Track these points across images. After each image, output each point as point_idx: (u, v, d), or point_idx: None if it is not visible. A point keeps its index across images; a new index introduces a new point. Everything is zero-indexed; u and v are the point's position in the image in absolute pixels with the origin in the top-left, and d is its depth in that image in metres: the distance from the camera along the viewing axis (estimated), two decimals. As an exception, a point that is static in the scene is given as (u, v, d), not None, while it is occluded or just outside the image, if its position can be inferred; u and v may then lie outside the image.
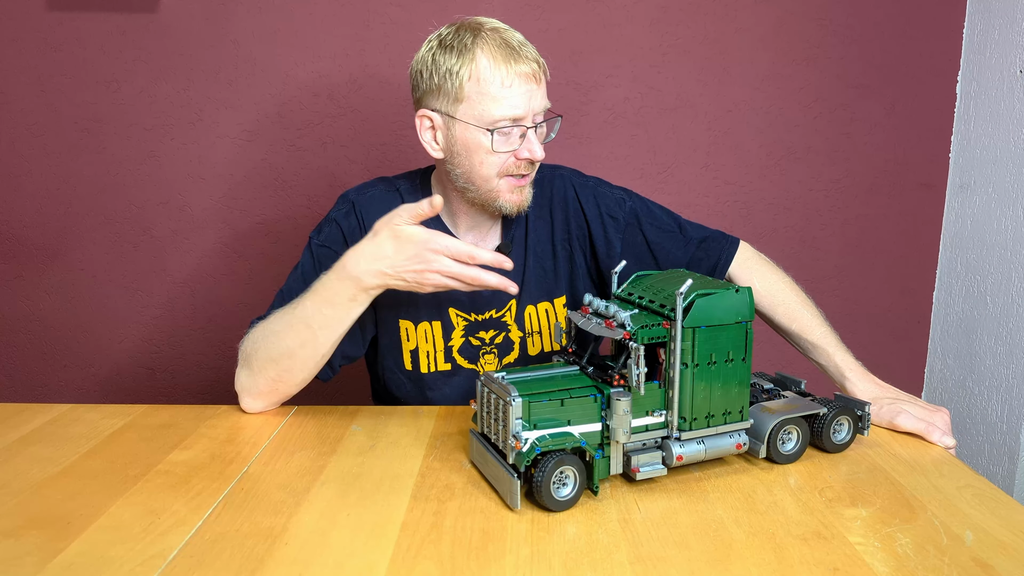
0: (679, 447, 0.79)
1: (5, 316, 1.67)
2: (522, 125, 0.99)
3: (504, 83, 0.97)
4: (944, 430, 0.92)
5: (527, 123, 0.99)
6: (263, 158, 1.63)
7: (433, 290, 0.95)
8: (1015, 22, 1.54)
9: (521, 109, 0.98)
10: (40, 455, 0.87)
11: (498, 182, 1.02)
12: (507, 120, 0.98)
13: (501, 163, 1.01)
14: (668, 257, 1.15)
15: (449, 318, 1.11)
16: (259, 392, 1.00)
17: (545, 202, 1.15)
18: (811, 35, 1.65)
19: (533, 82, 0.99)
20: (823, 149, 1.70)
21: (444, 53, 0.99)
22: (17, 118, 1.60)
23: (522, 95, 0.98)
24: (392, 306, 1.09)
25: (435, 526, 0.71)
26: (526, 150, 1.00)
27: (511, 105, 0.98)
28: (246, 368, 1.00)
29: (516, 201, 1.04)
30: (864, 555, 0.66)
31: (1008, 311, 1.57)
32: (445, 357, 1.12)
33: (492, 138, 0.99)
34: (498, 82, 0.97)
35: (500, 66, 0.97)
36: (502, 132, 0.99)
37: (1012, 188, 1.55)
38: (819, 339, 1.06)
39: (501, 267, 0.94)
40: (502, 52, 0.98)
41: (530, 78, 0.99)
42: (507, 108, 0.98)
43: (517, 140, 1.00)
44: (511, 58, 0.98)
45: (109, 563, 0.65)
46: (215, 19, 1.57)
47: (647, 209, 1.17)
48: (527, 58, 0.99)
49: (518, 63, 0.98)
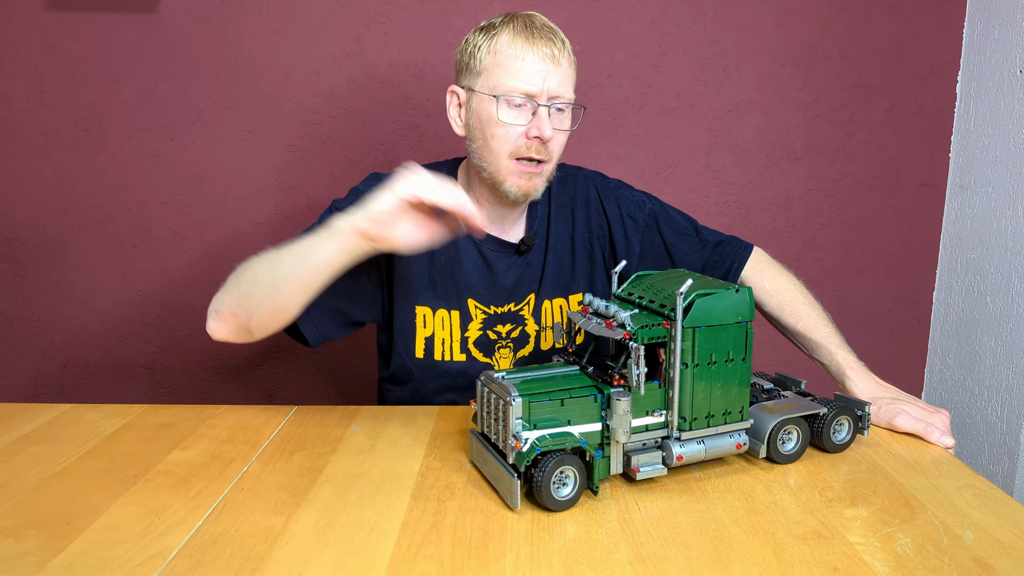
0: (679, 447, 0.79)
1: (5, 316, 1.67)
2: (534, 103, 1.00)
3: (519, 56, 1.00)
4: (943, 430, 0.92)
5: (540, 101, 1.00)
6: (263, 158, 1.63)
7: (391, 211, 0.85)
8: (1015, 22, 1.54)
9: (534, 86, 1.00)
10: (40, 455, 0.87)
11: (508, 162, 1.03)
12: (517, 93, 1.00)
13: (511, 141, 1.02)
14: (684, 259, 1.18)
15: (468, 309, 1.12)
16: (220, 315, 0.98)
17: (567, 201, 1.17)
18: (811, 35, 1.65)
19: (550, 62, 1.00)
20: (823, 149, 1.70)
21: (478, 34, 1.04)
22: (17, 118, 1.60)
23: (535, 71, 1.00)
24: (411, 291, 1.10)
25: (435, 526, 0.71)
26: (535, 127, 1.01)
27: (523, 79, 0.99)
28: (222, 290, 1.00)
29: (523, 187, 1.04)
30: (864, 555, 0.66)
31: (1008, 311, 1.57)
32: (461, 347, 1.12)
33: (498, 107, 1.00)
34: (512, 54, 1.00)
35: (518, 40, 1.00)
36: (511, 104, 1.00)
37: (1012, 188, 1.55)
38: (822, 338, 1.07)
39: (463, 211, 0.85)
40: (524, 30, 1.01)
41: (547, 57, 1.00)
42: (518, 81, 1.00)
43: (528, 116, 1.01)
44: (531, 35, 1.00)
45: (109, 563, 0.65)
46: (215, 19, 1.57)
47: (666, 212, 1.20)
48: (547, 39, 1.01)
49: (536, 40, 1.00)
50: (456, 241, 1.11)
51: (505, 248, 1.13)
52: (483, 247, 1.12)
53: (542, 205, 1.16)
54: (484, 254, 1.12)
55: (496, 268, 1.12)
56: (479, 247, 1.12)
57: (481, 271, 1.12)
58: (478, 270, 1.12)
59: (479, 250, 1.12)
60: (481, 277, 1.12)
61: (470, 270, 1.12)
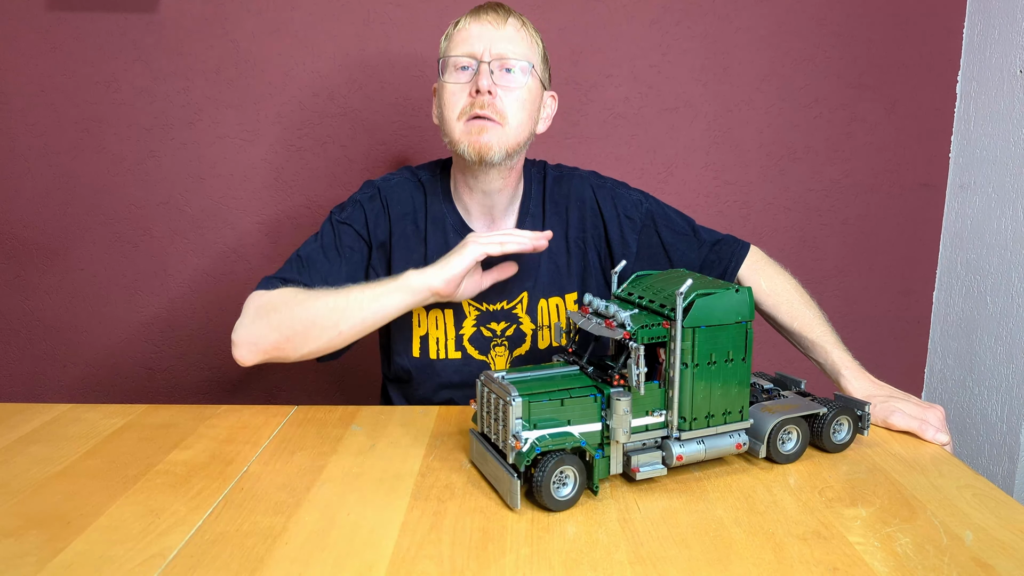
0: (679, 447, 0.79)
1: (5, 316, 1.67)
2: (477, 61, 1.04)
3: (464, 27, 1.06)
4: (938, 427, 0.92)
5: (482, 59, 1.04)
6: (263, 158, 1.63)
7: (466, 269, 1.00)
8: (1015, 22, 1.54)
9: (476, 47, 1.04)
10: (40, 455, 0.87)
11: (457, 124, 1.06)
12: (461, 55, 1.05)
13: (458, 102, 1.05)
14: (682, 259, 1.18)
15: (461, 306, 1.13)
16: (260, 348, 1.00)
17: (562, 200, 1.17)
18: (811, 35, 1.65)
19: (491, 26, 1.05)
20: (823, 149, 1.70)
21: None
22: (17, 118, 1.60)
23: (474, 36, 1.05)
24: None
25: (435, 526, 0.71)
26: (474, 83, 1.04)
27: (466, 44, 1.05)
28: (260, 321, 1.00)
29: (473, 143, 1.05)
30: (864, 555, 0.66)
31: (1008, 311, 1.57)
32: (456, 345, 1.13)
33: (444, 69, 1.06)
34: (460, 28, 1.07)
35: (466, 18, 1.07)
36: (456, 67, 1.05)
37: (1012, 188, 1.55)
38: (818, 337, 1.07)
39: (536, 245, 1.02)
40: (474, 11, 1.07)
41: (487, 22, 1.05)
42: (458, 45, 1.06)
43: (471, 76, 1.05)
44: (477, 11, 1.07)
45: (109, 563, 0.65)
46: (215, 19, 1.57)
47: (663, 212, 1.20)
48: (493, 10, 1.06)
49: (481, 13, 1.06)
50: (447, 240, 1.12)
51: None
52: None
53: (535, 204, 1.16)
54: None
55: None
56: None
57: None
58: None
59: None
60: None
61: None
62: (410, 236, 1.13)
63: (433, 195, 1.14)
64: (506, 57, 1.04)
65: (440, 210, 1.14)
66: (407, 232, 1.13)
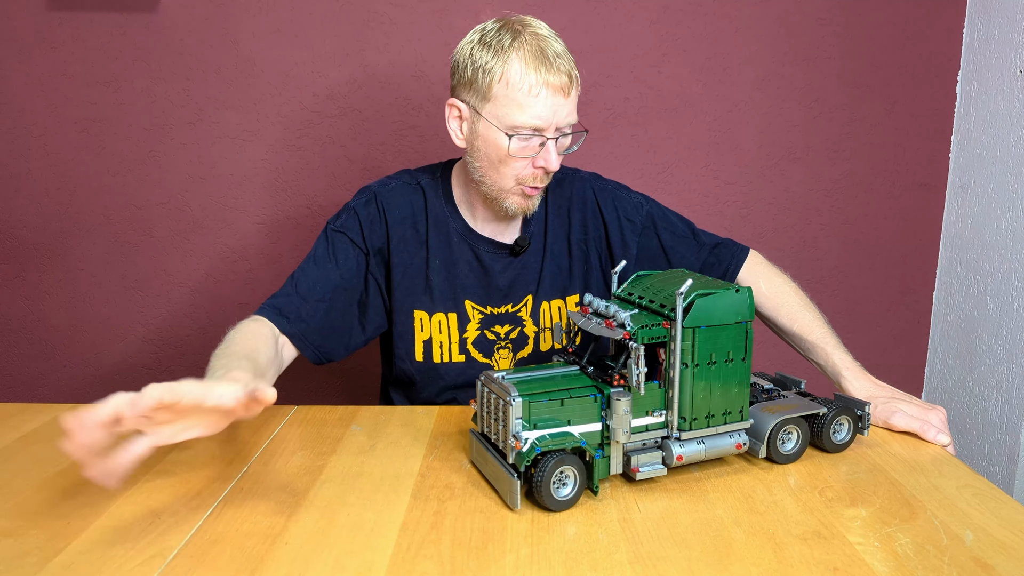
0: (679, 447, 0.79)
1: (5, 316, 1.67)
2: (542, 136, 1.00)
3: (532, 91, 0.98)
4: (939, 428, 0.92)
5: (548, 134, 1.00)
6: (263, 158, 1.63)
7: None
8: (1015, 22, 1.54)
9: (543, 120, 0.99)
10: (40, 455, 0.87)
11: (511, 184, 1.04)
12: (527, 128, 0.99)
13: (518, 170, 1.03)
14: (681, 261, 1.19)
15: (465, 310, 1.13)
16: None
17: (564, 202, 1.17)
18: (811, 35, 1.65)
19: (560, 95, 0.99)
20: (823, 149, 1.70)
21: (482, 49, 1.00)
22: (17, 118, 1.60)
23: (547, 106, 0.98)
24: (409, 296, 1.11)
25: (435, 526, 0.71)
26: (542, 159, 1.01)
27: (534, 114, 0.98)
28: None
29: (523, 205, 1.07)
30: (864, 555, 0.66)
31: (1008, 311, 1.57)
32: (459, 349, 1.13)
33: (510, 143, 1.00)
34: (526, 89, 0.98)
35: (530, 73, 0.98)
36: (521, 138, 1.00)
37: (1012, 188, 1.55)
38: (818, 339, 1.07)
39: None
40: (535, 59, 0.98)
41: (558, 90, 0.99)
42: (529, 116, 0.98)
43: (536, 148, 1.01)
44: (543, 67, 0.98)
45: (109, 563, 0.65)
46: (215, 19, 1.57)
47: (663, 214, 1.21)
48: (559, 70, 0.98)
49: (548, 73, 0.98)
50: (451, 244, 1.12)
51: (500, 249, 1.13)
52: (478, 249, 1.12)
53: (538, 207, 1.16)
54: (479, 255, 1.12)
55: (491, 269, 1.12)
56: (474, 249, 1.12)
57: (476, 272, 1.13)
58: (473, 272, 1.12)
59: (474, 252, 1.12)
60: (477, 278, 1.13)
61: (465, 272, 1.12)
62: (410, 240, 1.12)
63: (434, 199, 1.14)
64: (567, 126, 1.02)
65: (442, 213, 1.13)
66: (406, 236, 1.12)
